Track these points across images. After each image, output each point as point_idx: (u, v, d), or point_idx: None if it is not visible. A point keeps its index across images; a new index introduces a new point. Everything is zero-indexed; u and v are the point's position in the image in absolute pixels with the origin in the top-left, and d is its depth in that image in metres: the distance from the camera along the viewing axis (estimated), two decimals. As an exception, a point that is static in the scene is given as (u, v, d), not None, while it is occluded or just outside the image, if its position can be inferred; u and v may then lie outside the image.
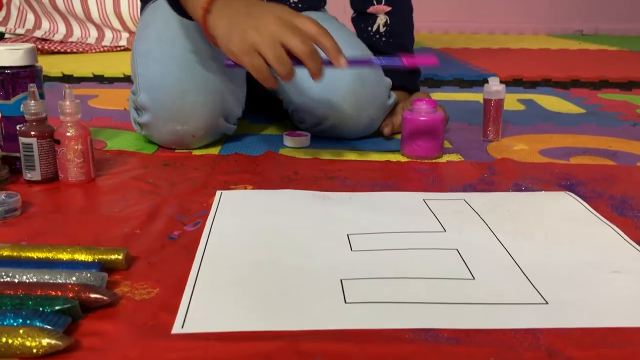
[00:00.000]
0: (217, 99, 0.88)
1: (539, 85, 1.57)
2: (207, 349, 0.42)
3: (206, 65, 0.88)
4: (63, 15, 2.22)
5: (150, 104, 0.88)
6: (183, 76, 0.87)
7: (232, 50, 0.73)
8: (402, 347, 0.42)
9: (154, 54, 0.89)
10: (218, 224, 0.63)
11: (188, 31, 0.89)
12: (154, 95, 0.87)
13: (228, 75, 0.90)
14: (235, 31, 0.72)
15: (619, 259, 0.56)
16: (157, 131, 0.89)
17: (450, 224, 0.64)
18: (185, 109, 0.87)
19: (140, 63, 0.91)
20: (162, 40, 0.89)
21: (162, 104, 0.87)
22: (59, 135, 0.74)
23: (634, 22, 3.25)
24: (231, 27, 0.73)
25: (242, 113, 0.95)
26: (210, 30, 0.75)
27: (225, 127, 0.92)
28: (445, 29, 3.13)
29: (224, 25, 0.73)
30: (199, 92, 0.87)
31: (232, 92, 0.91)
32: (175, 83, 0.86)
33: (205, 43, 0.88)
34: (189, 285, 0.50)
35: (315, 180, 0.78)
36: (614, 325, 0.45)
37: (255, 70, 0.73)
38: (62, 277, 0.48)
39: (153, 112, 0.88)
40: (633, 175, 0.82)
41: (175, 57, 0.88)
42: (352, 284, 0.51)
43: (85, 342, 0.42)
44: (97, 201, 0.71)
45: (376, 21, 1.05)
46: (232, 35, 0.72)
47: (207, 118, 0.88)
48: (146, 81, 0.89)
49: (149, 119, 0.89)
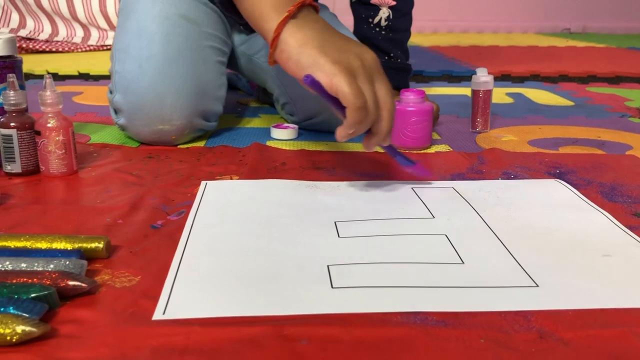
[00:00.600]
0: (195, 100, 0.86)
1: (527, 80, 1.57)
2: (189, 334, 0.40)
3: (185, 64, 0.86)
4: (48, 14, 2.20)
5: (126, 107, 0.86)
6: (160, 78, 0.84)
7: (323, 65, 0.60)
8: (390, 330, 0.41)
9: (131, 51, 0.86)
10: (202, 212, 0.62)
11: (170, 23, 0.86)
12: (129, 98, 0.85)
13: (206, 73, 0.88)
14: (331, 45, 0.62)
15: (609, 242, 0.56)
16: (135, 133, 0.87)
17: (439, 210, 0.63)
18: (163, 112, 0.84)
19: (118, 59, 0.88)
20: (141, 34, 0.86)
21: (139, 107, 0.84)
22: (39, 126, 0.72)
23: (621, 21, 3.27)
24: (322, 39, 0.62)
25: (222, 110, 0.93)
26: (287, 35, 0.63)
27: (205, 126, 0.90)
28: (434, 27, 3.13)
29: (311, 34, 0.62)
30: (176, 94, 0.84)
31: (210, 91, 0.89)
32: (151, 86, 0.84)
33: (185, 39, 0.86)
34: (172, 271, 0.49)
35: (302, 170, 0.77)
36: (604, 307, 0.44)
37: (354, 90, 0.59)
38: (39, 264, 0.47)
39: (129, 115, 0.86)
40: (622, 164, 0.81)
41: (152, 55, 0.84)
42: (339, 270, 0.49)
43: (62, 330, 0.41)
44: (79, 192, 0.69)
45: (378, 14, 1.02)
46: (325, 47, 0.61)
47: (185, 120, 0.86)
48: (122, 81, 0.86)
49: (126, 122, 0.87)
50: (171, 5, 0.88)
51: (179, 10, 0.88)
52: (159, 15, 0.87)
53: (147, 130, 0.86)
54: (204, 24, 0.90)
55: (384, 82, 0.63)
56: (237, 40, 1.01)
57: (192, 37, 0.88)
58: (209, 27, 0.91)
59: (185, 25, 0.88)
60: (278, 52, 0.64)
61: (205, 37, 0.90)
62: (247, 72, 1.05)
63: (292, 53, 0.62)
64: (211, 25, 0.92)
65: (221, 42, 0.94)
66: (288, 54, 0.63)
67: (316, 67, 0.60)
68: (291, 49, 0.62)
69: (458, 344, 0.40)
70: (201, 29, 0.90)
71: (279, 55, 0.64)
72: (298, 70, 0.62)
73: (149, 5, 0.88)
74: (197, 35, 0.89)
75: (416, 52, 2.14)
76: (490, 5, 3.19)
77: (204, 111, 0.88)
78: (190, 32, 0.88)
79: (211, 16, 0.93)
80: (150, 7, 0.87)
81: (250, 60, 1.01)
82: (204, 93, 0.88)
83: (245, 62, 1.03)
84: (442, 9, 3.13)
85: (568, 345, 0.40)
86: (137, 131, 0.87)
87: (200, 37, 0.89)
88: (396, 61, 1.03)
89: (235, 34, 1.00)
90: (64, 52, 2.11)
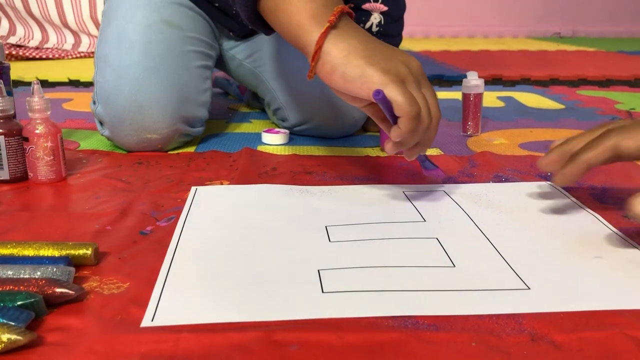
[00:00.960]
0: (177, 108, 0.85)
1: (518, 84, 1.57)
2: (178, 340, 0.40)
3: (165, 71, 0.84)
4: (38, 21, 2.19)
5: (108, 119, 0.85)
6: (140, 88, 0.83)
7: (371, 75, 0.57)
8: (381, 334, 0.41)
9: (110, 60, 0.85)
10: (192, 218, 0.61)
11: (151, 30, 0.85)
12: (110, 110, 0.84)
13: (188, 79, 0.87)
14: (377, 53, 0.59)
15: (600, 244, 0.55)
16: (121, 143, 0.86)
17: (431, 214, 0.62)
18: (145, 122, 0.83)
19: (98, 68, 0.87)
20: (121, 42, 0.85)
21: (120, 119, 0.83)
22: (27, 132, 0.71)
23: (611, 25, 3.29)
24: (366, 49, 0.59)
25: (208, 115, 0.92)
26: (331, 46, 0.59)
27: (190, 132, 0.89)
28: (425, 32, 3.14)
29: (355, 43, 0.59)
30: (157, 103, 0.83)
31: (193, 97, 0.88)
32: (131, 96, 0.82)
33: (167, 45, 0.85)
34: (160, 278, 0.48)
35: (294, 175, 0.77)
36: (596, 309, 0.44)
37: (408, 99, 0.56)
38: (26, 272, 0.46)
39: (112, 127, 0.85)
40: (613, 167, 0.81)
41: (132, 64, 0.83)
42: (329, 274, 0.49)
43: (49, 338, 0.40)
44: (68, 199, 0.69)
45: (370, 19, 1.00)
46: (372, 57, 0.58)
47: (169, 128, 0.85)
48: (103, 91, 0.85)
49: (110, 134, 0.86)
50: (153, 11, 0.87)
51: (161, 16, 0.87)
52: (141, 22, 0.85)
53: (131, 141, 0.85)
54: (188, 29, 0.89)
55: (431, 88, 0.60)
56: (226, 45, 1.00)
57: (174, 43, 0.87)
58: (194, 31, 0.90)
59: (167, 31, 0.86)
60: (320, 65, 0.60)
61: (188, 42, 0.89)
62: (237, 77, 1.05)
63: (337, 65, 0.58)
64: (196, 29, 0.91)
65: (206, 46, 0.93)
66: (332, 66, 0.59)
67: (365, 79, 0.57)
68: (335, 60, 0.58)
69: (450, 348, 0.40)
70: (185, 33, 0.89)
71: (320, 68, 0.60)
72: (344, 83, 0.58)
73: (130, 12, 0.86)
74: (180, 40, 0.87)
75: (407, 57, 2.13)
76: (480, 10, 3.20)
77: (187, 118, 0.87)
78: (173, 38, 0.87)
79: (196, 20, 0.92)
80: (132, 14, 0.86)
81: (241, 65, 1.01)
82: (186, 99, 0.86)
83: (235, 67, 1.02)
84: (433, 14, 3.14)
85: (560, 347, 0.40)
86: (122, 142, 0.86)
87: (184, 42, 0.88)
88: None
89: (224, 40, 1.00)
90: (54, 59, 2.10)
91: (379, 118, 0.63)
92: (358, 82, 0.57)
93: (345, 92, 0.60)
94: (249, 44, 0.98)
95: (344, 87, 0.59)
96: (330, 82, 0.60)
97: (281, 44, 0.95)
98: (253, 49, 0.98)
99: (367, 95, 0.57)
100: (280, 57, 0.95)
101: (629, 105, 1.27)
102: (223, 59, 1.02)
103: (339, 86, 0.60)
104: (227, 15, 0.95)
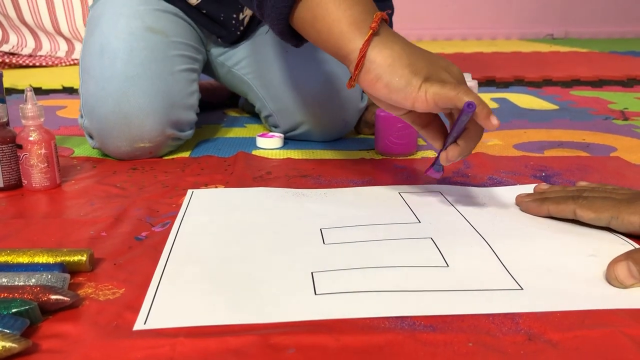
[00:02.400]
0: (164, 114, 0.84)
1: (511, 85, 1.57)
2: (174, 345, 0.40)
3: (149, 78, 0.83)
4: (31, 29, 2.19)
5: (95, 131, 0.84)
6: (123, 98, 0.82)
7: (416, 81, 0.56)
8: (378, 336, 0.41)
9: (93, 72, 0.84)
10: (187, 221, 0.61)
11: (134, 38, 0.84)
12: (97, 123, 0.83)
13: (173, 84, 0.86)
14: (419, 61, 0.58)
15: (595, 243, 0.56)
16: (111, 154, 0.86)
17: (426, 215, 0.63)
18: (132, 132, 0.82)
19: (82, 80, 0.87)
20: (103, 52, 0.84)
21: (107, 131, 0.83)
22: (21, 139, 0.71)
23: (603, 26, 3.31)
24: (409, 56, 0.58)
25: (196, 117, 0.92)
26: (375, 54, 0.57)
27: (180, 136, 0.88)
28: (418, 36, 3.15)
29: (398, 50, 0.57)
30: (142, 112, 0.82)
31: (180, 101, 0.87)
32: (115, 107, 0.81)
33: (150, 52, 0.84)
34: (154, 281, 0.48)
35: (289, 179, 0.77)
36: (590, 308, 0.44)
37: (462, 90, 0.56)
38: (20, 279, 0.46)
39: (100, 139, 0.84)
40: (607, 166, 0.82)
41: (114, 75, 0.82)
42: (323, 276, 0.49)
43: (44, 345, 0.40)
44: (62, 205, 0.68)
45: None
46: (415, 65, 0.57)
47: (157, 135, 0.84)
48: (87, 104, 0.84)
49: (100, 146, 0.86)
50: (137, 19, 0.86)
51: (145, 23, 0.86)
52: (124, 30, 0.84)
53: (122, 151, 0.84)
54: (172, 34, 0.89)
55: (472, 93, 0.57)
56: (214, 51, 1.00)
57: (158, 48, 0.86)
58: (178, 36, 0.90)
59: (151, 38, 0.86)
60: (363, 73, 0.58)
61: (172, 46, 0.88)
62: (226, 83, 1.04)
63: (382, 74, 0.57)
64: (181, 34, 0.90)
65: (192, 50, 0.92)
66: (376, 74, 0.57)
67: (411, 89, 0.56)
68: (380, 68, 0.57)
69: (446, 349, 0.40)
70: (169, 38, 0.88)
71: (364, 76, 0.58)
72: (387, 92, 0.57)
73: (113, 21, 0.85)
74: (164, 46, 0.87)
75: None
76: (473, 12, 3.21)
77: (176, 122, 0.86)
78: (156, 44, 0.86)
79: (181, 25, 0.91)
80: (115, 22, 0.85)
81: (230, 72, 1.00)
82: (172, 105, 0.85)
83: (224, 73, 1.02)
84: (425, 17, 3.15)
85: (557, 346, 0.40)
86: (113, 153, 0.85)
87: (168, 46, 0.87)
88: None
89: (212, 46, 1.00)
90: (47, 67, 2.09)
91: (420, 125, 0.62)
92: (402, 93, 0.57)
93: (388, 101, 0.59)
94: (238, 50, 0.98)
95: (387, 96, 0.58)
96: (373, 91, 0.59)
97: (269, 51, 0.95)
98: (242, 56, 0.98)
99: (411, 105, 0.57)
100: (269, 65, 0.95)
101: (622, 105, 1.28)
102: (211, 66, 1.02)
103: (382, 95, 0.58)
104: (214, 21, 0.95)
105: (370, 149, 0.92)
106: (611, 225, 0.57)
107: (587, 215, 0.58)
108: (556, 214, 0.60)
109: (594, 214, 0.58)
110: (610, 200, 0.58)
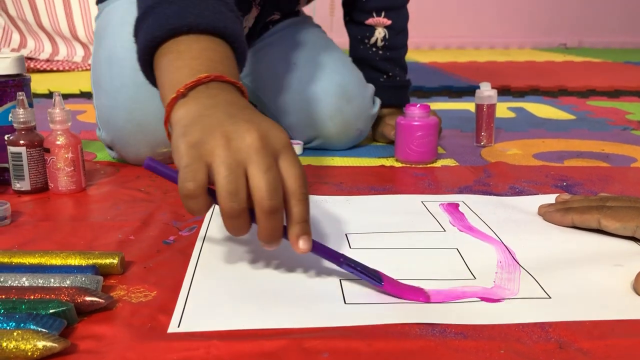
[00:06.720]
0: None
1: (527, 95, 1.58)
2: (209, 347, 0.40)
3: None
4: (49, 34, 2.21)
5: (113, 142, 0.85)
6: (136, 107, 0.81)
7: (178, 149, 0.47)
8: (410, 342, 0.41)
9: (103, 84, 0.84)
10: (214, 226, 0.62)
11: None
12: (113, 134, 0.84)
13: None
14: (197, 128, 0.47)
15: (619, 253, 0.56)
16: (133, 161, 0.86)
17: (450, 224, 0.63)
18: (149, 139, 0.82)
19: (95, 93, 0.87)
20: (112, 62, 0.83)
21: (124, 141, 0.83)
22: (48, 143, 0.72)
23: (617, 35, 3.30)
24: (195, 122, 0.48)
25: None
26: (172, 119, 0.51)
27: None
28: (431, 44, 3.16)
29: (191, 116, 0.49)
30: (155, 118, 0.81)
31: None
32: (129, 116, 0.81)
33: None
34: (185, 284, 0.49)
35: (310, 185, 0.77)
36: (618, 318, 0.45)
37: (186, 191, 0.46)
38: (55, 280, 0.47)
39: (119, 150, 0.85)
40: (628, 176, 0.82)
41: (124, 84, 0.81)
42: (351, 285, 0.49)
43: (82, 345, 0.41)
44: (89, 209, 0.69)
45: (374, 34, 1.00)
46: (190, 131, 0.47)
47: None
48: (102, 116, 0.85)
49: (119, 156, 0.86)
50: None
51: None
52: (129, 39, 0.83)
53: (142, 158, 0.84)
54: None
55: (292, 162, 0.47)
56: None
57: None
58: None
59: None
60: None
61: None
62: None
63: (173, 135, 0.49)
64: None
65: None
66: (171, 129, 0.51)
67: (175, 153, 0.47)
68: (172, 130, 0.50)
69: (479, 356, 0.40)
70: None
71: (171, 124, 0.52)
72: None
73: (118, 29, 0.85)
74: None
75: (415, 68, 2.15)
76: (486, 21, 3.22)
77: None
78: None
79: None
80: (120, 32, 0.84)
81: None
82: None
83: None
84: (438, 26, 3.16)
85: (587, 354, 0.40)
86: (134, 161, 0.86)
87: None
88: (395, 79, 1.03)
89: None
90: (64, 71, 2.12)
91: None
92: (174, 156, 0.48)
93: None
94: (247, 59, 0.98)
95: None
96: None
97: (276, 66, 0.95)
98: (251, 68, 0.98)
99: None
100: (279, 79, 0.95)
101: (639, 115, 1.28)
102: None
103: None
104: None
105: (390, 156, 0.92)
106: (636, 234, 0.57)
107: (612, 225, 0.58)
108: (580, 224, 0.61)
109: (619, 223, 0.58)
110: (635, 209, 0.59)
